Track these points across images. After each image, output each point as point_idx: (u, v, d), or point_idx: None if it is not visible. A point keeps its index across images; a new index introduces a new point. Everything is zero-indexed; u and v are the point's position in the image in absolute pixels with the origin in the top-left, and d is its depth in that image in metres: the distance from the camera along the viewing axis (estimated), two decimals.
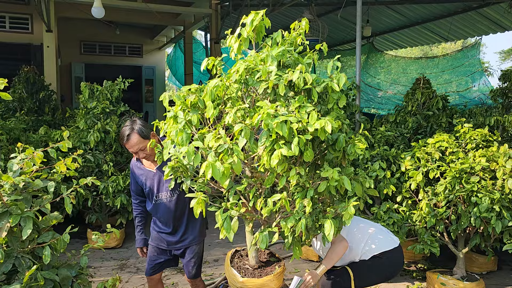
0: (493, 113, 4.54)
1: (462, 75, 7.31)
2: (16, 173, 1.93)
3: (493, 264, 4.37)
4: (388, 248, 2.87)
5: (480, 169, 3.52)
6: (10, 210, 1.81)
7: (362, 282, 2.89)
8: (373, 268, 2.87)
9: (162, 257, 3.01)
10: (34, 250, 1.93)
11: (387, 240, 2.91)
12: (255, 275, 2.75)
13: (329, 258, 2.78)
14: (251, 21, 2.39)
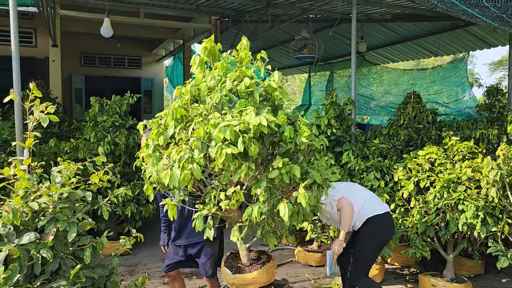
0: (478, 127, 4.88)
1: (452, 85, 7.67)
2: (59, 184, 2.21)
3: (481, 267, 4.67)
4: (381, 212, 3.25)
5: (466, 179, 3.84)
6: (57, 216, 2.08)
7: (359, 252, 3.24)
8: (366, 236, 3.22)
9: (177, 257, 3.31)
10: (75, 251, 2.20)
11: (380, 205, 3.31)
12: (245, 271, 3.03)
13: (343, 222, 3.15)
14: (204, 48, 2.82)
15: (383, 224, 3.29)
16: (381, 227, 3.27)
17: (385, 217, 3.30)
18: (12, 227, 2.03)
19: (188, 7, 7.96)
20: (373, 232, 3.23)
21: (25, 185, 2.01)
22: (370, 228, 3.23)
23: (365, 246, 3.27)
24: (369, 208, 3.29)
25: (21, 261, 1.95)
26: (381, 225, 3.27)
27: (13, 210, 1.82)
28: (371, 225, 3.23)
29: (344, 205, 3.15)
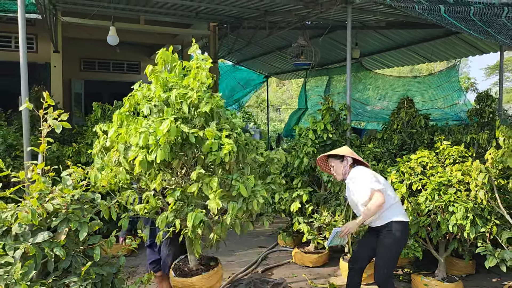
0: (469, 131, 5.05)
1: (448, 90, 7.85)
2: (70, 186, 2.35)
3: (472, 267, 4.83)
4: (406, 220, 3.41)
5: (456, 181, 4.00)
6: (69, 217, 2.23)
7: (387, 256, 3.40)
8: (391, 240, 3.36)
9: (154, 255, 3.62)
10: (85, 250, 2.34)
11: (405, 213, 3.46)
12: (187, 275, 3.15)
13: (367, 212, 3.28)
14: (159, 58, 3.07)
15: (405, 231, 3.43)
16: (404, 234, 3.40)
17: (407, 225, 3.46)
18: (27, 227, 2.17)
19: (187, 14, 8.13)
20: (398, 238, 3.35)
21: (40, 187, 2.15)
22: (395, 233, 3.34)
23: (391, 249, 3.39)
24: (397, 212, 3.40)
25: (36, 259, 2.09)
26: (404, 232, 3.40)
27: (32, 211, 1.96)
28: (395, 230, 3.34)
29: (379, 199, 3.26)
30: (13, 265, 2.04)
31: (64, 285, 2.13)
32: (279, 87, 29.69)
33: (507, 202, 3.96)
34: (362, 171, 3.45)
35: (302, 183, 5.21)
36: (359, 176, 3.42)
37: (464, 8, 3.28)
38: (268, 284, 3.49)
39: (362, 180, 3.37)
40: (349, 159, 3.51)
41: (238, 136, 2.81)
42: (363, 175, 3.40)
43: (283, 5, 6.69)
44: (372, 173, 3.45)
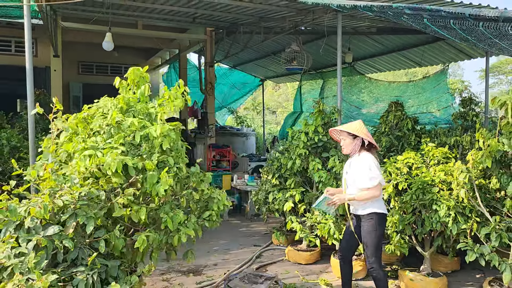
0: (454, 134, 5.29)
1: (442, 92, 8.09)
2: (77, 184, 2.55)
3: (456, 264, 5.05)
4: (385, 212, 3.68)
5: (439, 181, 4.23)
6: (76, 212, 2.43)
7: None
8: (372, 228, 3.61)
9: None
10: (91, 243, 2.55)
11: (384, 206, 3.72)
12: None
13: (361, 196, 3.55)
14: (129, 74, 3.25)
15: (384, 222, 3.74)
16: (383, 224, 3.69)
17: (385, 217, 3.75)
18: (38, 221, 2.37)
19: (184, 19, 8.35)
20: (378, 227, 3.61)
21: (51, 184, 2.35)
22: (375, 222, 3.60)
23: (373, 238, 3.63)
24: (379, 205, 3.65)
25: (47, 250, 2.30)
26: (383, 223, 3.69)
27: (45, 206, 2.16)
28: (375, 220, 3.60)
29: (376, 192, 3.54)
30: (27, 255, 2.24)
31: (72, 274, 2.33)
32: (275, 90, 29.95)
33: (487, 201, 4.18)
34: (372, 161, 3.59)
35: (295, 184, 5.42)
36: (368, 164, 3.56)
37: (443, 19, 3.51)
38: (261, 278, 3.70)
39: (368, 169, 3.54)
40: (359, 141, 3.63)
41: (179, 170, 2.93)
42: (371, 165, 3.56)
43: (276, 12, 6.92)
44: (378, 166, 3.66)
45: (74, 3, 7.05)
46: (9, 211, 2.17)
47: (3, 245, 2.23)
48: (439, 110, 8.06)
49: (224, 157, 10.09)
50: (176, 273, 5.03)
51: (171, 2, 6.93)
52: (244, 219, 7.84)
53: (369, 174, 3.53)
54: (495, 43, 4.05)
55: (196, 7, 7.14)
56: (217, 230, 7.01)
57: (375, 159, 3.65)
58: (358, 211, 3.70)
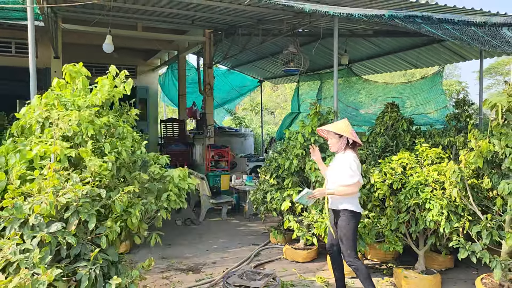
0: (448, 135, 5.39)
1: (438, 93, 8.19)
2: (79, 183, 2.64)
3: (450, 262, 5.15)
4: (358, 210, 3.91)
5: (432, 181, 4.32)
6: (79, 209, 2.52)
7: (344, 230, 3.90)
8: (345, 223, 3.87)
9: None
10: (93, 239, 2.64)
11: (358, 205, 3.96)
12: None
13: (339, 191, 3.81)
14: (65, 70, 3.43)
15: (356, 219, 3.92)
16: (354, 221, 3.89)
17: (357, 215, 3.94)
18: (42, 218, 2.46)
19: (184, 21, 8.44)
20: (349, 222, 3.87)
21: (54, 183, 2.44)
22: (347, 218, 3.86)
23: (346, 232, 3.87)
24: (353, 202, 3.90)
25: (51, 246, 2.39)
26: (354, 219, 3.89)
27: (50, 203, 2.25)
28: (347, 216, 3.86)
29: (354, 189, 3.80)
30: (31, 251, 2.33)
31: (76, 269, 2.42)
32: (273, 90, 30.06)
33: (480, 200, 4.28)
34: (353, 160, 3.84)
35: (292, 183, 5.51)
36: (349, 162, 3.81)
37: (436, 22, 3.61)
38: (259, 275, 3.79)
39: (349, 167, 3.79)
40: (345, 140, 3.90)
41: (119, 155, 3.00)
42: (352, 163, 3.80)
43: (274, 15, 7.02)
44: (359, 165, 3.89)
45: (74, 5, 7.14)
46: (15, 209, 2.26)
47: (9, 241, 2.32)
48: (436, 110, 8.16)
49: (222, 157, 10.18)
50: (175, 271, 5.12)
51: (171, 5, 7.02)
52: (242, 219, 7.93)
53: (349, 172, 3.78)
54: (487, 41, 4.16)
55: (195, 10, 7.23)
56: (216, 229, 7.12)
57: (356, 157, 3.90)
58: (334, 206, 3.97)
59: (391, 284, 4.72)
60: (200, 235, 6.77)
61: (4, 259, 2.26)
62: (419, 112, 8.38)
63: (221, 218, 7.85)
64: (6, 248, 2.25)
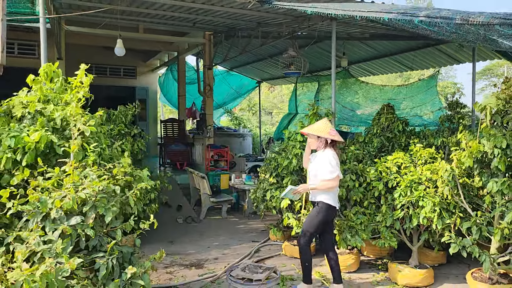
0: (441, 135, 5.61)
1: (434, 95, 8.42)
2: (96, 179, 2.83)
3: (443, 258, 5.37)
4: (333, 204, 4.24)
5: (425, 179, 4.54)
6: (96, 204, 2.71)
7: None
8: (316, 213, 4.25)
9: None
10: (109, 232, 2.82)
11: (335, 199, 4.28)
12: None
13: (321, 185, 4.15)
14: (43, 70, 3.64)
15: (329, 212, 4.26)
16: (327, 213, 4.24)
17: (333, 209, 4.28)
18: (62, 212, 2.65)
19: (185, 24, 8.63)
20: (321, 214, 4.22)
21: (74, 179, 2.63)
22: (320, 209, 4.22)
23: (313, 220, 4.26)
24: (329, 197, 4.22)
25: (72, 237, 2.57)
26: (327, 212, 4.24)
27: (73, 198, 2.44)
28: (321, 208, 4.21)
29: (334, 183, 4.13)
30: (54, 242, 2.51)
31: (94, 259, 2.61)
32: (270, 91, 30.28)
33: (470, 198, 4.50)
34: (332, 156, 4.17)
35: (292, 182, 5.70)
36: (328, 159, 4.15)
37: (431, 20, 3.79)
38: (261, 268, 3.98)
39: (329, 163, 4.13)
40: (323, 139, 4.23)
41: (102, 150, 3.30)
42: (331, 160, 4.13)
43: (274, 18, 7.23)
44: (338, 161, 4.22)
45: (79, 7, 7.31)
46: (40, 203, 2.44)
47: (33, 233, 2.50)
48: (432, 112, 8.39)
49: (222, 157, 10.37)
50: (179, 266, 5.31)
51: (173, 9, 7.21)
52: (242, 217, 8.12)
53: (329, 168, 4.12)
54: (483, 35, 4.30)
55: (197, 14, 7.42)
56: (217, 227, 7.31)
57: (335, 154, 4.23)
58: (313, 198, 4.35)
59: (386, 278, 4.93)
60: (201, 232, 6.96)
61: (29, 250, 2.44)
62: (415, 113, 8.61)
63: (221, 216, 8.04)
64: (31, 239, 2.43)
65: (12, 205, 2.49)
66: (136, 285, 2.66)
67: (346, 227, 4.89)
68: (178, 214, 7.71)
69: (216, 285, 4.70)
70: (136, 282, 2.67)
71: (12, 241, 2.55)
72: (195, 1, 6.48)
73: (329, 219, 4.30)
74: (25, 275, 2.23)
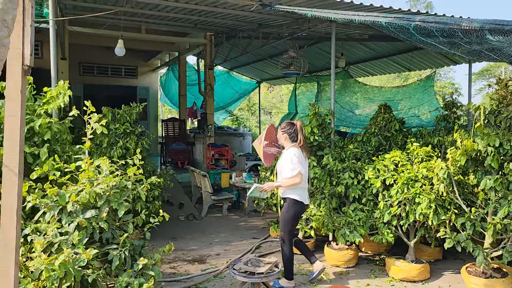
0: (438, 134, 5.78)
1: (431, 96, 8.58)
2: (108, 175, 2.98)
3: (439, 253, 5.53)
4: (301, 200, 4.43)
5: (421, 177, 4.70)
6: (109, 198, 2.86)
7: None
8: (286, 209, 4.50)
9: None
10: (121, 225, 2.98)
11: (302, 196, 4.47)
12: None
13: (284, 181, 4.39)
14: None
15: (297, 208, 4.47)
16: (295, 209, 4.46)
17: (301, 204, 4.48)
18: (77, 205, 2.80)
19: (186, 25, 8.78)
20: (290, 210, 4.46)
21: (89, 175, 2.78)
22: (288, 205, 4.45)
23: (284, 216, 4.50)
24: (297, 193, 4.42)
25: (87, 230, 2.73)
26: (295, 208, 4.45)
27: (90, 192, 2.59)
28: (289, 204, 4.44)
29: (296, 180, 4.31)
30: (70, 234, 2.67)
31: (108, 250, 2.76)
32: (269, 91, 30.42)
33: (465, 195, 4.66)
34: (293, 154, 4.36)
35: None
36: (290, 157, 4.36)
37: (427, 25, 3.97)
38: (263, 262, 4.13)
39: (290, 161, 4.33)
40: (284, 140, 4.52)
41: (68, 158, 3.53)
42: (292, 158, 4.33)
43: (274, 20, 7.38)
44: (300, 159, 4.38)
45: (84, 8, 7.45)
46: (59, 196, 2.60)
47: (50, 225, 2.66)
48: (430, 112, 8.56)
49: (222, 156, 10.52)
50: (182, 262, 5.46)
51: (176, 11, 7.36)
52: (242, 215, 8.28)
53: (290, 166, 4.31)
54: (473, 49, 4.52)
55: (199, 15, 7.57)
56: (218, 224, 7.46)
57: (298, 151, 4.42)
58: (282, 195, 4.58)
59: (383, 273, 5.09)
60: (202, 229, 7.11)
61: (47, 241, 2.59)
62: (413, 113, 8.78)
63: (222, 214, 8.19)
64: (49, 231, 2.59)
65: (31, 199, 2.64)
66: (147, 276, 2.82)
67: (345, 223, 5.04)
68: (180, 211, 7.85)
69: (218, 279, 4.86)
70: (147, 272, 2.83)
71: (30, 232, 2.70)
72: (197, 3, 6.62)
73: (299, 214, 4.54)
74: (45, 264, 2.38)
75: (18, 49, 1.79)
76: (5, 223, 1.83)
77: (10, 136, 1.80)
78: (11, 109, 1.80)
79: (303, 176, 4.39)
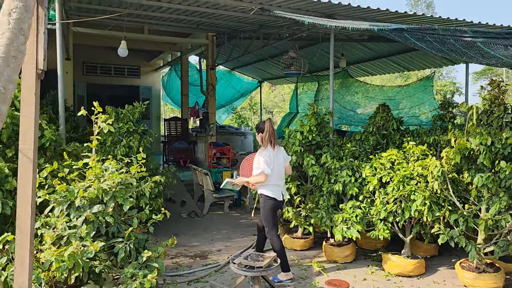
0: (433, 134, 5.91)
1: (430, 96, 8.70)
2: (115, 172, 3.13)
3: (435, 249, 5.67)
4: (273, 196, 4.71)
5: (417, 175, 4.84)
6: (115, 194, 3.01)
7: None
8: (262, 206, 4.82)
9: None
10: (126, 220, 3.13)
11: (275, 192, 4.73)
12: None
13: (251, 178, 4.78)
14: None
15: (270, 204, 4.75)
16: (268, 205, 4.75)
17: (273, 200, 4.74)
18: (85, 201, 2.95)
19: (188, 26, 8.92)
20: (265, 205, 4.76)
21: (96, 172, 2.93)
22: (263, 202, 4.77)
23: (263, 213, 4.81)
24: (268, 189, 4.71)
25: (94, 224, 2.88)
26: (268, 204, 4.74)
27: (98, 188, 2.74)
28: (263, 200, 4.76)
29: (261, 177, 4.62)
30: (78, 227, 2.82)
31: (114, 244, 2.92)
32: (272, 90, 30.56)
33: (459, 192, 4.79)
34: (262, 155, 4.66)
35: (291, 178, 6.00)
36: (258, 157, 4.69)
37: (421, 33, 4.11)
38: (262, 257, 4.28)
39: (257, 161, 4.67)
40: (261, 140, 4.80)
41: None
42: (260, 158, 4.64)
43: (275, 21, 7.52)
44: (267, 159, 4.64)
45: (88, 10, 7.61)
46: (68, 192, 2.75)
47: (60, 219, 2.81)
48: (430, 111, 8.68)
49: (224, 154, 10.66)
50: (184, 257, 5.61)
51: (178, 12, 7.50)
52: (243, 212, 8.42)
53: (256, 165, 4.68)
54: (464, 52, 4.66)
55: (201, 16, 7.71)
56: (219, 222, 7.61)
57: (268, 152, 4.70)
58: (258, 191, 4.87)
59: (380, 268, 5.23)
60: (204, 226, 7.26)
61: (56, 234, 2.75)
62: (413, 113, 8.90)
63: (223, 211, 8.34)
64: (59, 224, 2.74)
65: (41, 194, 2.80)
66: (151, 268, 2.97)
67: (343, 219, 5.18)
68: (182, 209, 8.01)
69: (219, 274, 5.01)
70: (151, 264, 2.98)
71: (40, 226, 2.86)
72: (200, 5, 6.76)
73: (274, 208, 4.78)
74: (55, 256, 2.54)
75: (32, 55, 1.93)
76: (20, 215, 1.98)
77: (25, 136, 1.94)
78: (26, 110, 1.94)
79: (274, 175, 4.66)
